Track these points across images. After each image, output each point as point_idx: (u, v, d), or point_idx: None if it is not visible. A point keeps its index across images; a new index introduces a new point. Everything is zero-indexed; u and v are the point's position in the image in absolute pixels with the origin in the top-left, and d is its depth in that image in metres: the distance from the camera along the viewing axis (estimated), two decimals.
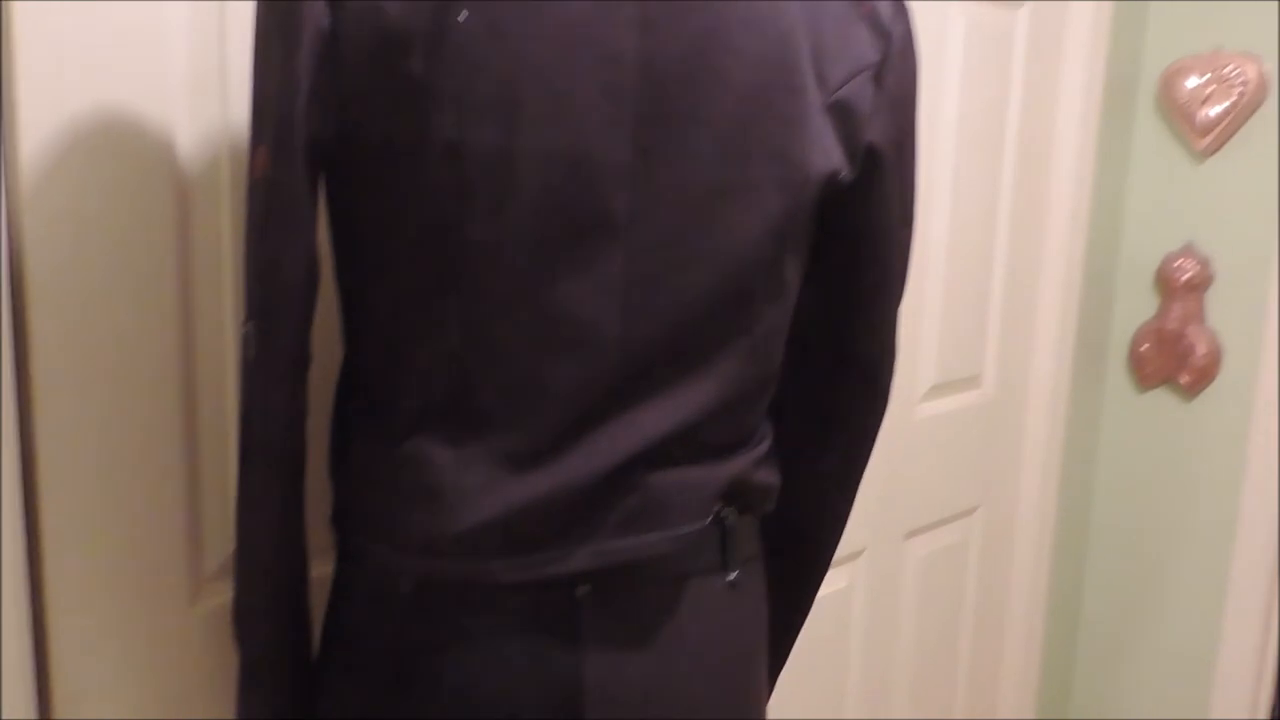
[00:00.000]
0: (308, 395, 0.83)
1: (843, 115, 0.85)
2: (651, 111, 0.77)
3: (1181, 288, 2.01)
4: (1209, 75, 1.97)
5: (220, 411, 0.98)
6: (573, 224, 0.77)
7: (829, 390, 0.99)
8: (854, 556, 1.75)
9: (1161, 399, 2.09)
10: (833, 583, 1.71)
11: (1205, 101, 1.98)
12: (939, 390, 1.84)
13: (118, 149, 0.88)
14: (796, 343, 0.94)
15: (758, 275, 0.84)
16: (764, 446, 0.92)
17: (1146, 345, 2.07)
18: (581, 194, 0.77)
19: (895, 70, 0.88)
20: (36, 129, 0.84)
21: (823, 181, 0.85)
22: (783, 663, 1.13)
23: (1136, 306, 2.10)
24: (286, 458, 0.83)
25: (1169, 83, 2.01)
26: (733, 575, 0.89)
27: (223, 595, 0.99)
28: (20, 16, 0.82)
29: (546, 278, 0.78)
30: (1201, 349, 2.00)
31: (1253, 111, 1.95)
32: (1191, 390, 2.03)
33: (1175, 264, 2.02)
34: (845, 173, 0.86)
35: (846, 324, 0.97)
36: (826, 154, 0.84)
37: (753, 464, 0.90)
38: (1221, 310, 2.01)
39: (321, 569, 0.92)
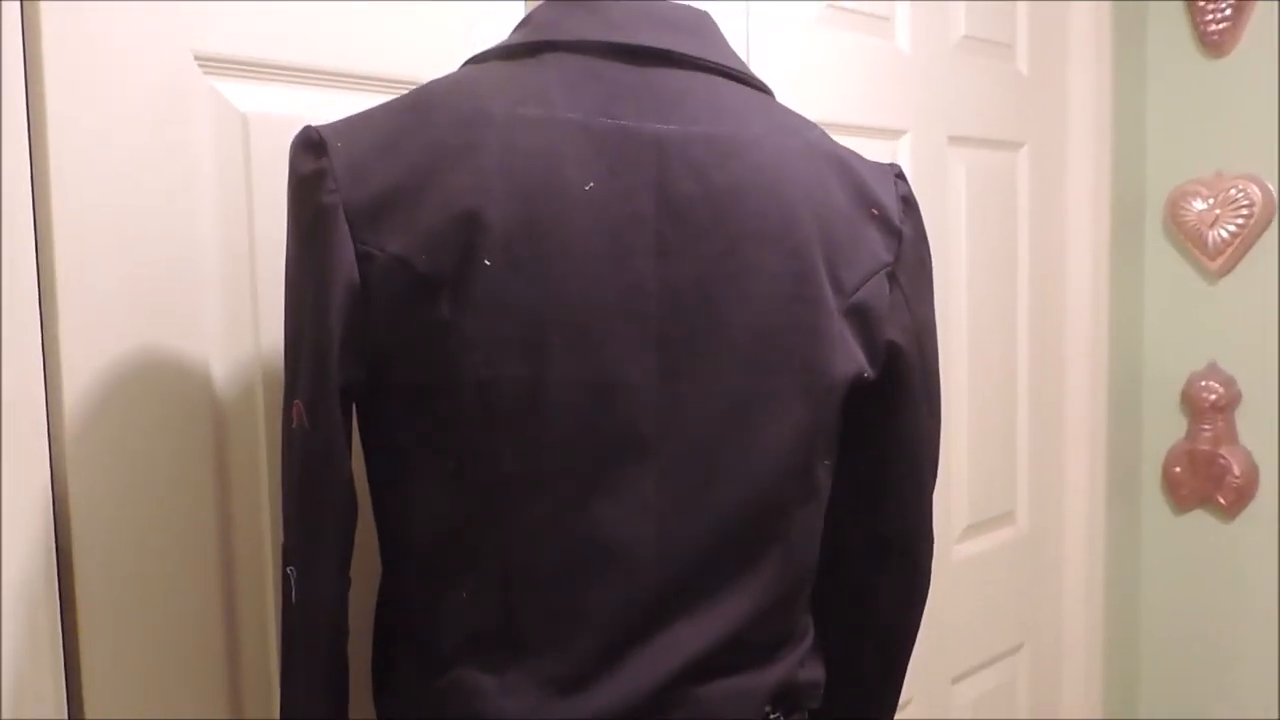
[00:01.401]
0: (348, 618, 0.84)
1: (861, 317, 0.86)
2: (674, 334, 0.79)
3: (1209, 409, 2.00)
4: (1214, 198, 1.99)
5: (262, 641, 0.98)
6: (603, 449, 0.78)
7: (867, 581, 0.98)
8: (901, 707, 1.70)
9: (1201, 521, 2.06)
10: None
11: (1214, 223, 1.99)
12: (973, 530, 1.82)
13: (156, 385, 0.90)
14: (831, 535, 0.93)
15: (789, 483, 0.84)
16: (807, 642, 0.92)
17: (1179, 468, 2.05)
18: (610, 419, 0.78)
19: (909, 268, 0.89)
20: (78, 368, 0.86)
21: (847, 384, 0.85)
22: None
23: (1165, 428, 2.09)
24: (329, 683, 0.83)
25: (1175, 206, 2.04)
26: None
27: None
28: (63, 261, 0.85)
29: (581, 504, 0.78)
30: (1237, 469, 1.98)
31: (1262, 230, 1.97)
32: (1231, 511, 2.01)
33: (1201, 384, 2.01)
34: (869, 372, 0.87)
35: (882, 515, 0.96)
36: (849, 357, 0.85)
37: (797, 663, 0.89)
38: (1253, 428, 2.00)
39: None
